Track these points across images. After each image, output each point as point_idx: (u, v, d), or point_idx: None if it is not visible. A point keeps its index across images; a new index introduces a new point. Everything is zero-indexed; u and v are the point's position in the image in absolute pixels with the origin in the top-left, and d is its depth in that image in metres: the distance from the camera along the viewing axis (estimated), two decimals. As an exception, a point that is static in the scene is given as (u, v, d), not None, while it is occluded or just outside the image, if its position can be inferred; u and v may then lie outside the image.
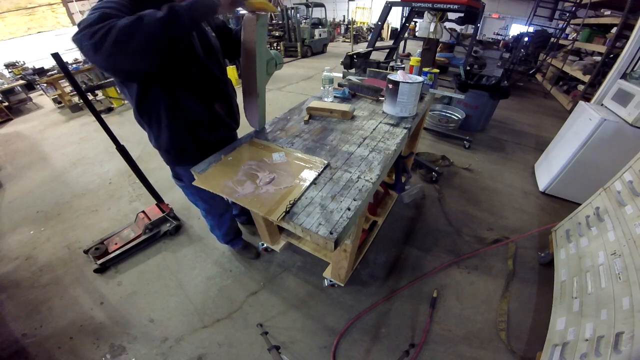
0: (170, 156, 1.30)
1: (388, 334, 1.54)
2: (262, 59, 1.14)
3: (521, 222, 2.28)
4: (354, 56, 2.65)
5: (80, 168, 3.17)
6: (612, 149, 2.09)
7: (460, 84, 3.42)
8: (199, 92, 1.13)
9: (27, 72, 5.86)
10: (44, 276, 1.91)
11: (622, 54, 2.95)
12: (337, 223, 0.87)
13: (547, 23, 7.53)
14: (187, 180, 1.37)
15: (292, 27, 9.09)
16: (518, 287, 1.77)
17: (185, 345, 1.51)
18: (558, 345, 1.25)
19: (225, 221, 1.71)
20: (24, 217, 2.48)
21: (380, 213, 2.06)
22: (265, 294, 1.75)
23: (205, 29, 1.14)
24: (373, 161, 1.17)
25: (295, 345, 1.50)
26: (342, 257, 1.45)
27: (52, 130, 4.29)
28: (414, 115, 1.54)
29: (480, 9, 4.03)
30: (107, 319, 1.64)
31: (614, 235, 1.32)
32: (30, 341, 1.55)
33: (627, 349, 0.94)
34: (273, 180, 1.04)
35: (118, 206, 2.54)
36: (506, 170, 2.98)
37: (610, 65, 3.31)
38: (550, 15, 7.77)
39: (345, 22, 15.65)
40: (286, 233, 1.89)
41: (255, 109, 1.27)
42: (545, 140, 3.10)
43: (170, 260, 1.99)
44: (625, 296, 1.07)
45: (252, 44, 1.08)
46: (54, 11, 8.44)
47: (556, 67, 5.84)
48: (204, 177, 1.08)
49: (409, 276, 1.84)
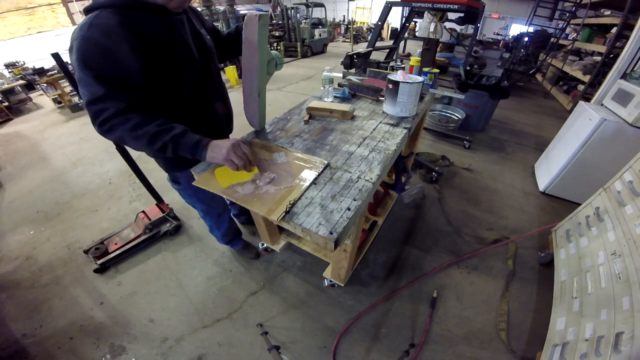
0: (166, 161, 1.29)
1: (388, 334, 1.54)
2: (264, 59, 1.13)
3: (521, 222, 2.28)
4: (354, 56, 2.65)
5: (80, 168, 3.17)
6: (612, 149, 2.09)
7: (460, 84, 3.42)
8: (193, 96, 1.12)
9: (27, 72, 5.86)
10: (44, 276, 1.91)
11: (622, 54, 2.95)
12: (337, 223, 0.87)
13: (547, 23, 7.53)
14: (184, 182, 1.36)
15: (292, 27, 9.09)
16: (518, 287, 1.77)
17: (185, 345, 1.51)
18: (558, 345, 1.25)
19: (223, 221, 1.71)
20: (24, 217, 2.48)
21: (380, 213, 2.06)
22: (265, 294, 1.75)
23: (200, 31, 1.14)
24: (373, 161, 1.17)
25: (295, 345, 1.50)
26: (342, 257, 1.45)
27: (52, 130, 4.29)
28: (414, 115, 1.54)
29: (480, 9, 4.03)
30: (107, 319, 1.64)
31: (614, 235, 1.32)
32: (30, 341, 1.55)
33: (627, 349, 0.94)
34: (273, 180, 1.04)
35: (118, 206, 2.54)
36: (506, 170, 2.98)
37: (610, 65, 3.31)
38: (550, 15, 7.78)
39: (345, 22, 15.65)
40: (286, 233, 1.89)
41: (256, 108, 1.27)
42: (545, 140, 3.10)
43: (170, 260, 1.99)
44: (625, 296, 1.07)
45: (254, 44, 1.07)
46: (54, 11, 8.44)
47: (556, 67, 5.84)
48: (203, 177, 1.08)
49: (409, 276, 1.84)
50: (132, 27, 0.82)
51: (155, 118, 0.91)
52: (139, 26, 0.84)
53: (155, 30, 0.88)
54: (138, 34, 0.83)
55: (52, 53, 1.44)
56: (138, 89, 0.88)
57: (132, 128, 0.86)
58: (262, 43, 1.08)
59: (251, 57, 1.11)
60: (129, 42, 0.82)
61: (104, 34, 0.79)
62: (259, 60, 1.11)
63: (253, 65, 1.12)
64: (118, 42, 0.80)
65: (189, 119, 1.16)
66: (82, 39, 0.79)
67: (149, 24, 0.87)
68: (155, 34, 0.88)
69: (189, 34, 1.03)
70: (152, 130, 0.88)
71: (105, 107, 0.83)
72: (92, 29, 0.79)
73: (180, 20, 1.00)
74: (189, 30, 1.04)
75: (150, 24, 0.87)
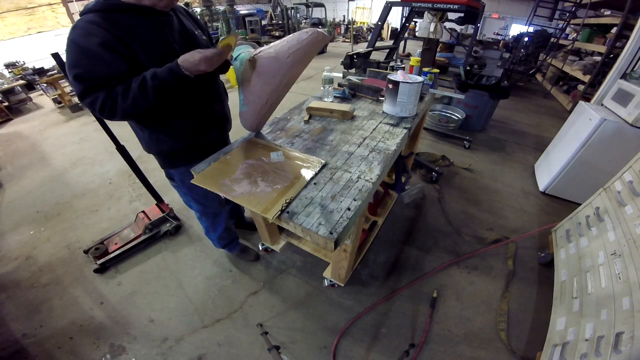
0: (161, 159, 1.31)
1: (388, 334, 1.54)
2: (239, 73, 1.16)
3: (521, 222, 2.28)
4: (354, 56, 2.66)
5: (80, 168, 3.17)
6: (612, 149, 2.09)
7: (460, 84, 3.42)
8: (189, 98, 1.13)
9: (27, 72, 5.85)
10: (44, 276, 1.91)
11: (622, 54, 2.95)
12: (337, 223, 0.87)
13: (547, 23, 7.51)
14: (178, 180, 1.38)
15: (292, 27, 9.10)
16: (518, 287, 1.77)
17: (185, 345, 1.51)
18: (558, 345, 1.25)
19: (220, 223, 1.68)
20: (24, 217, 2.48)
21: (380, 213, 2.06)
22: (265, 294, 1.75)
23: (194, 32, 1.14)
24: (373, 161, 1.17)
25: (295, 345, 1.50)
26: (342, 257, 1.45)
27: (52, 130, 4.29)
28: (414, 115, 1.54)
29: (480, 9, 4.03)
30: (107, 319, 1.64)
31: (614, 235, 1.32)
32: (30, 341, 1.55)
33: (627, 349, 0.94)
34: (270, 178, 1.04)
35: (118, 206, 2.54)
36: (506, 170, 2.98)
37: (610, 65, 3.31)
38: (550, 15, 7.76)
39: (345, 22, 15.64)
40: (286, 233, 1.89)
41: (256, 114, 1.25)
42: (545, 140, 3.10)
43: (170, 260, 1.99)
44: (625, 296, 1.07)
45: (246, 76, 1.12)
46: (54, 11, 8.43)
47: (556, 67, 5.84)
48: (201, 175, 1.08)
49: (409, 276, 1.84)
50: (112, 28, 0.88)
51: (132, 80, 0.93)
52: (119, 27, 0.90)
53: (136, 30, 0.93)
54: (116, 34, 0.89)
55: (52, 53, 1.44)
56: (115, 77, 0.92)
57: (123, 98, 0.92)
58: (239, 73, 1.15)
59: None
60: (107, 41, 0.87)
61: (83, 35, 0.87)
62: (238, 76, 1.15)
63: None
64: (95, 42, 0.86)
65: (185, 116, 1.16)
66: (68, 41, 0.88)
67: (131, 25, 0.92)
68: (135, 34, 0.93)
69: (176, 34, 1.06)
70: (135, 88, 0.92)
71: (95, 97, 0.91)
72: (75, 31, 0.88)
73: (167, 22, 1.03)
74: (178, 31, 1.07)
75: (132, 25, 0.92)
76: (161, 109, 1.06)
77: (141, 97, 0.92)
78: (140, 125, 1.15)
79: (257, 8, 11.72)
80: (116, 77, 0.91)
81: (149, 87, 0.92)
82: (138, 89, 0.91)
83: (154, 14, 0.98)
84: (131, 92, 0.91)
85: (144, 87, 0.92)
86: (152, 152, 1.26)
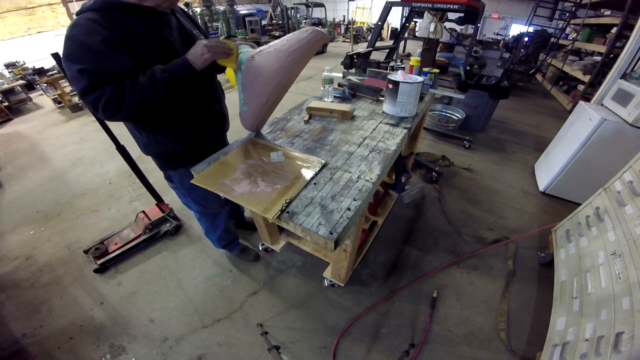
0: (159, 161, 1.31)
1: (388, 334, 1.54)
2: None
3: (521, 222, 2.28)
4: (354, 56, 2.65)
5: (80, 168, 3.17)
6: (612, 149, 2.09)
7: (460, 84, 3.42)
8: (188, 98, 1.13)
9: (27, 72, 5.86)
10: (44, 276, 1.91)
11: (622, 54, 2.95)
12: (337, 223, 0.87)
13: (547, 23, 7.51)
14: (177, 181, 1.38)
15: (292, 27, 9.10)
16: (518, 287, 1.77)
17: (185, 345, 1.51)
18: (558, 345, 1.25)
19: (219, 223, 1.68)
20: (24, 217, 2.48)
21: (380, 213, 2.06)
22: (265, 294, 1.75)
23: (192, 32, 1.15)
24: (373, 161, 1.17)
25: (295, 345, 1.50)
26: (342, 257, 1.45)
27: (52, 130, 4.29)
28: (414, 115, 1.54)
29: (480, 9, 4.03)
30: (107, 319, 1.64)
31: (614, 235, 1.32)
32: (30, 341, 1.55)
33: (627, 349, 0.94)
34: (270, 178, 1.04)
35: (118, 206, 2.54)
36: (506, 170, 2.98)
37: (610, 65, 3.31)
38: (550, 15, 7.76)
39: (345, 22, 15.64)
40: (286, 233, 1.89)
41: (257, 113, 1.25)
42: (545, 140, 3.10)
43: (170, 260, 1.99)
44: (625, 296, 1.07)
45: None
46: (54, 11, 8.43)
47: (556, 67, 5.84)
48: (201, 175, 1.08)
49: (409, 276, 1.84)
50: (113, 27, 0.88)
51: (139, 75, 0.93)
52: (119, 26, 0.89)
53: (136, 29, 0.93)
54: (117, 32, 0.89)
55: (52, 53, 1.43)
56: (121, 73, 0.91)
57: (131, 93, 0.90)
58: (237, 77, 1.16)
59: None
60: (110, 39, 0.87)
61: (85, 33, 0.86)
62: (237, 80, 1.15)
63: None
64: (97, 39, 0.85)
65: (184, 117, 1.16)
66: (66, 38, 0.86)
67: (130, 24, 0.92)
68: (135, 33, 0.93)
69: (176, 33, 1.06)
70: (145, 82, 0.91)
71: (102, 92, 0.88)
72: (75, 28, 0.86)
73: (167, 21, 1.04)
74: (177, 30, 1.08)
75: (132, 24, 0.92)
76: (161, 109, 1.06)
77: (151, 90, 0.92)
78: (139, 127, 1.15)
79: (257, 8, 11.73)
80: (123, 73, 0.90)
81: (158, 80, 0.92)
82: (148, 82, 0.91)
83: (154, 13, 0.98)
84: (140, 86, 0.91)
85: (153, 80, 0.92)
86: (150, 154, 1.26)
